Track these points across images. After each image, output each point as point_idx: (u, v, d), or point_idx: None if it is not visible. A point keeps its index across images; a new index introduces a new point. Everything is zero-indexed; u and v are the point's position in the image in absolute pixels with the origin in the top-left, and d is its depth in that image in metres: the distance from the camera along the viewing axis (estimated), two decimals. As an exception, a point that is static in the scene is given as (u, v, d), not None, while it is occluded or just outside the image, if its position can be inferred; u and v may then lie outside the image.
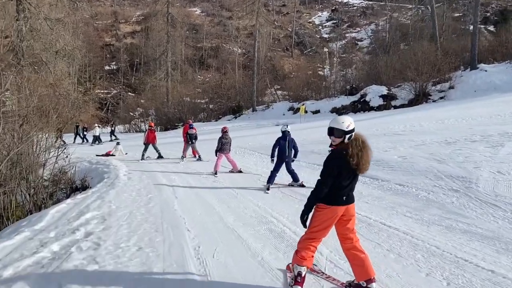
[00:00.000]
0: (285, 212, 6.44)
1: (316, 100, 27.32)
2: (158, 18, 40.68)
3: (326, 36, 67.38)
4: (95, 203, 7.18)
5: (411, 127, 13.94)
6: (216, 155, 11.05)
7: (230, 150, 11.28)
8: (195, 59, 55.70)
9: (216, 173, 10.72)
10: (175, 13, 37.58)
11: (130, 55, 57.92)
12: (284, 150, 8.65)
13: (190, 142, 13.91)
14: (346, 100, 26.20)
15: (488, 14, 45.76)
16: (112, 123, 31.25)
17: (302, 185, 8.65)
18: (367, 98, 24.91)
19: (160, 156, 15.06)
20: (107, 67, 57.06)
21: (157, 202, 7.35)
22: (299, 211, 3.67)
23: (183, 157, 13.87)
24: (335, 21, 69.43)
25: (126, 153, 16.94)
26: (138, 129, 38.68)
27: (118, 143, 17.17)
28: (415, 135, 12.04)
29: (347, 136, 3.46)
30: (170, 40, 35.46)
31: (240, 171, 10.89)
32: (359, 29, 63.97)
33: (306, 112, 25.45)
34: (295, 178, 8.80)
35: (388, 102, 24.29)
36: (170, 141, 21.83)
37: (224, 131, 11.21)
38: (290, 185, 8.84)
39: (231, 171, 11.08)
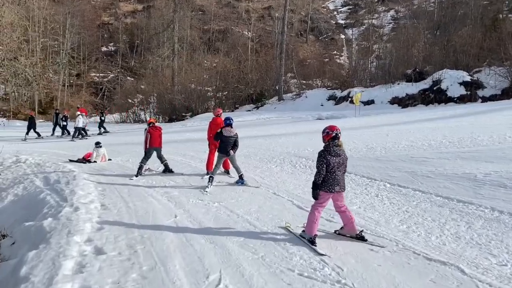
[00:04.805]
0: None
1: (366, 87, 20.94)
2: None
3: (342, 22, 62.30)
4: None
5: None
6: (316, 197, 4.56)
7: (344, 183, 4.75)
8: (202, 42, 49.54)
9: (314, 242, 4.45)
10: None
11: (130, 36, 52.29)
12: None
13: (224, 153, 7.58)
14: (411, 88, 19.64)
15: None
16: (101, 111, 24.45)
17: None
18: (443, 86, 18.46)
19: (167, 170, 8.85)
20: (104, 49, 51.81)
21: None
22: None
23: (211, 177, 7.40)
24: (350, 7, 64.45)
25: (110, 159, 10.80)
26: (136, 119, 32.46)
27: (98, 145, 10.75)
28: None
29: None
30: (178, 9, 28.48)
31: (362, 237, 4.61)
32: (377, 16, 58.16)
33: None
34: None
35: (473, 92, 17.89)
36: (176, 138, 15.20)
37: (331, 131, 4.60)
38: None
39: (339, 233, 4.81)
